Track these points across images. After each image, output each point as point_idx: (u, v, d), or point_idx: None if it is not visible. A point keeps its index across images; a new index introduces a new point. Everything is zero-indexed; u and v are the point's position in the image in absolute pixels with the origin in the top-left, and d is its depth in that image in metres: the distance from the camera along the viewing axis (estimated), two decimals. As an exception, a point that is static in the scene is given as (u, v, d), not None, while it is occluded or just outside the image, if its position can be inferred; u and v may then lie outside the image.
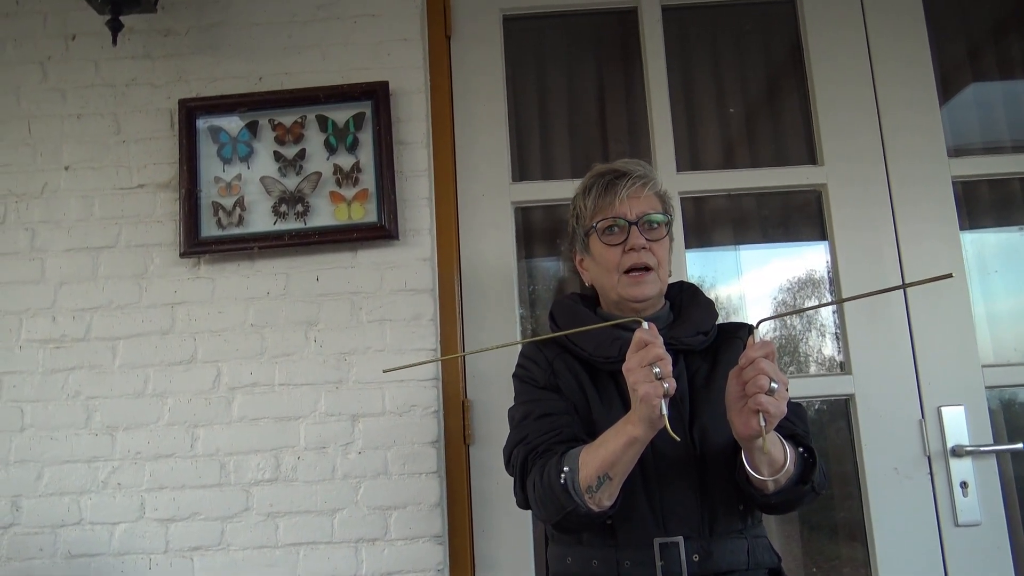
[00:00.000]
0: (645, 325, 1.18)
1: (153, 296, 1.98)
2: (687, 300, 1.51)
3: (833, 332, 2.12)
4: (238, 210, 1.99)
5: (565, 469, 1.24)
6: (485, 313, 2.04)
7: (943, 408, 1.95)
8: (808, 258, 2.18)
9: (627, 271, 1.41)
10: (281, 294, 1.98)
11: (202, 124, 2.02)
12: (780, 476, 1.23)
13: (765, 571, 1.35)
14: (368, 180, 1.99)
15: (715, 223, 2.23)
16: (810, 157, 2.15)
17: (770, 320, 2.08)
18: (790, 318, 2.15)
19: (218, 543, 1.87)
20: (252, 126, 2.02)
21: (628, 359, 1.17)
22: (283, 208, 1.99)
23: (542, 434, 1.34)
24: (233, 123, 2.03)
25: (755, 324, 1.23)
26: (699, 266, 2.19)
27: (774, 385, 1.14)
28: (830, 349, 2.13)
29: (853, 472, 1.99)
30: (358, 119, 2.01)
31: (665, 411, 1.13)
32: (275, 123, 2.02)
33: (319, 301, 1.97)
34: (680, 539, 1.29)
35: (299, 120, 2.02)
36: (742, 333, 1.48)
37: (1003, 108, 2.23)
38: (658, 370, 1.13)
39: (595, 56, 2.30)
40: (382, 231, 1.95)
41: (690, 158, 2.18)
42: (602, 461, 1.21)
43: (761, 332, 1.24)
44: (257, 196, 2.00)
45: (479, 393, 1.99)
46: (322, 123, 2.01)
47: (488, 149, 2.12)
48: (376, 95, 2.00)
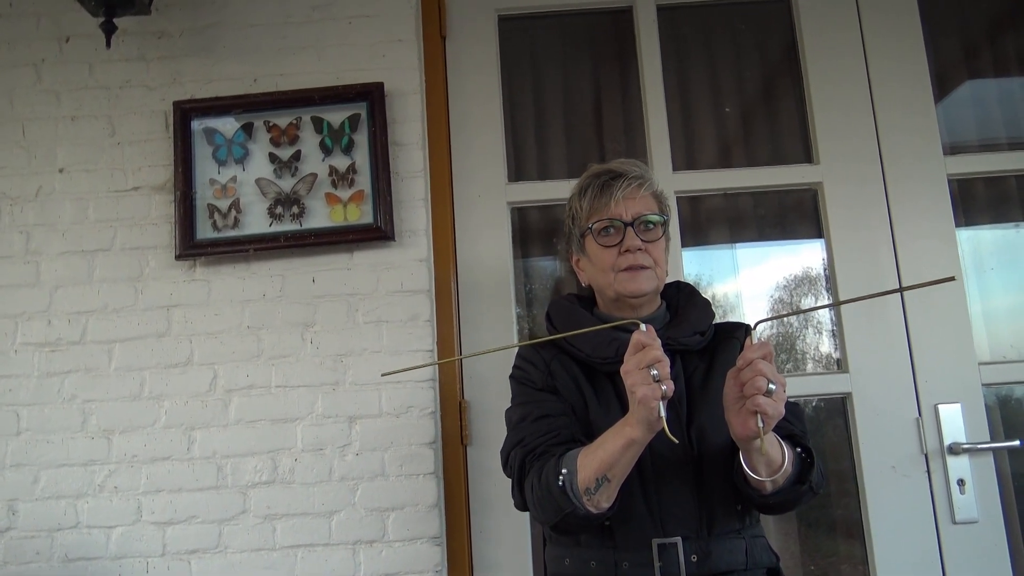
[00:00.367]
0: (643, 327, 1.18)
1: (149, 299, 1.97)
2: (684, 300, 1.51)
3: (830, 330, 2.12)
4: (233, 212, 1.98)
5: (563, 471, 1.24)
6: (482, 313, 2.04)
7: (940, 406, 1.95)
8: (804, 256, 2.18)
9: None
10: (277, 296, 1.97)
11: (197, 126, 2.01)
12: (778, 477, 1.23)
13: (763, 571, 1.35)
14: (364, 181, 1.98)
15: (711, 222, 2.23)
16: (806, 156, 2.15)
17: (767, 321, 2.08)
18: (787, 317, 2.16)
19: (215, 546, 1.87)
20: (247, 128, 2.02)
21: (626, 361, 1.17)
22: (279, 210, 1.98)
23: (540, 436, 1.34)
24: (228, 125, 2.02)
25: (753, 325, 1.22)
26: (696, 265, 2.19)
27: (772, 386, 1.14)
28: (827, 347, 2.14)
29: (850, 470, 1.99)
30: (353, 120, 2.00)
31: (663, 413, 1.13)
32: (270, 125, 2.01)
33: (315, 303, 1.96)
34: (678, 540, 1.29)
35: (294, 121, 2.01)
36: (739, 333, 1.48)
37: (998, 106, 2.23)
38: (656, 372, 1.13)
39: (590, 56, 2.30)
40: (378, 232, 1.94)
41: (686, 157, 2.18)
42: (600, 463, 1.20)
43: (758, 332, 1.24)
44: (252, 198, 1.99)
45: (476, 394, 1.99)
46: (317, 124, 2.01)
47: (484, 149, 2.12)
48: (371, 96, 1.99)
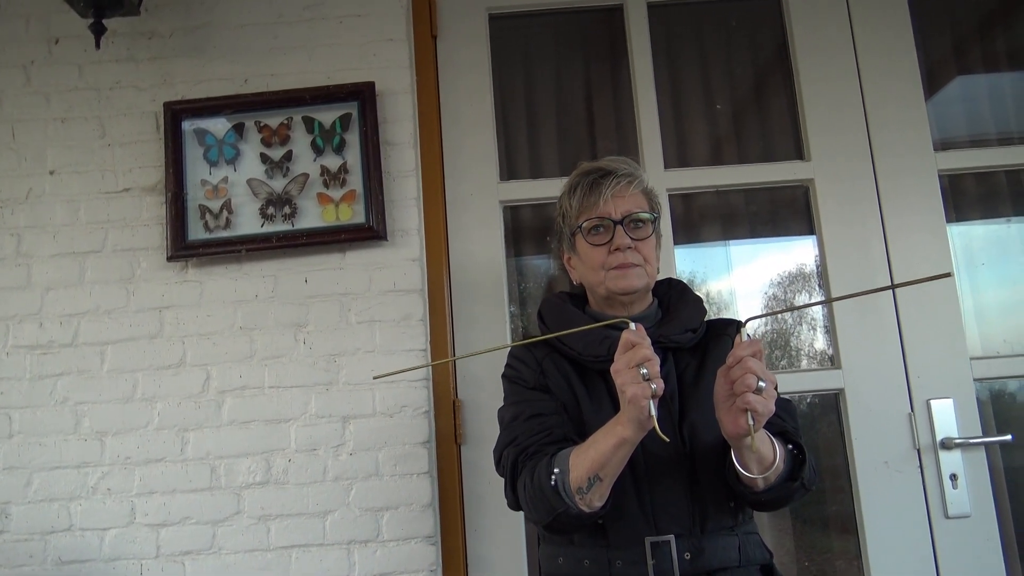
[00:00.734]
0: (632, 326, 1.18)
1: (141, 300, 1.97)
2: (675, 297, 1.51)
3: (823, 326, 2.12)
4: (225, 213, 1.98)
5: (555, 471, 1.24)
6: (475, 312, 2.04)
7: (932, 401, 1.96)
8: (797, 253, 2.19)
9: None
10: (269, 296, 1.97)
11: (188, 127, 2.01)
12: (770, 474, 1.23)
13: (757, 567, 1.35)
14: (355, 181, 1.98)
15: (703, 219, 2.23)
16: (797, 152, 2.16)
17: (758, 319, 2.08)
18: (778, 314, 2.16)
19: (209, 547, 1.87)
20: (238, 128, 2.01)
21: (616, 360, 1.17)
22: (270, 210, 1.98)
23: (532, 435, 1.34)
24: (219, 125, 2.02)
25: (743, 322, 1.23)
26: (688, 262, 2.20)
27: (762, 384, 1.14)
28: (820, 343, 2.14)
29: (844, 466, 2.00)
30: (344, 120, 2.00)
31: (654, 412, 1.13)
32: (261, 125, 2.01)
33: (308, 303, 1.96)
34: (671, 537, 1.29)
35: (285, 122, 2.01)
36: (731, 330, 1.48)
37: (988, 101, 2.24)
38: (645, 371, 1.13)
39: (582, 54, 2.29)
40: (370, 232, 1.94)
41: (678, 155, 2.18)
42: (592, 462, 1.21)
43: (749, 329, 1.24)
44: (244, 198, 1.99)
45: (470, 393, 1.99)
46: (308, 124, 2.00)
47: (476, 148, 2.12)
48: (362, 96, 1.99)
